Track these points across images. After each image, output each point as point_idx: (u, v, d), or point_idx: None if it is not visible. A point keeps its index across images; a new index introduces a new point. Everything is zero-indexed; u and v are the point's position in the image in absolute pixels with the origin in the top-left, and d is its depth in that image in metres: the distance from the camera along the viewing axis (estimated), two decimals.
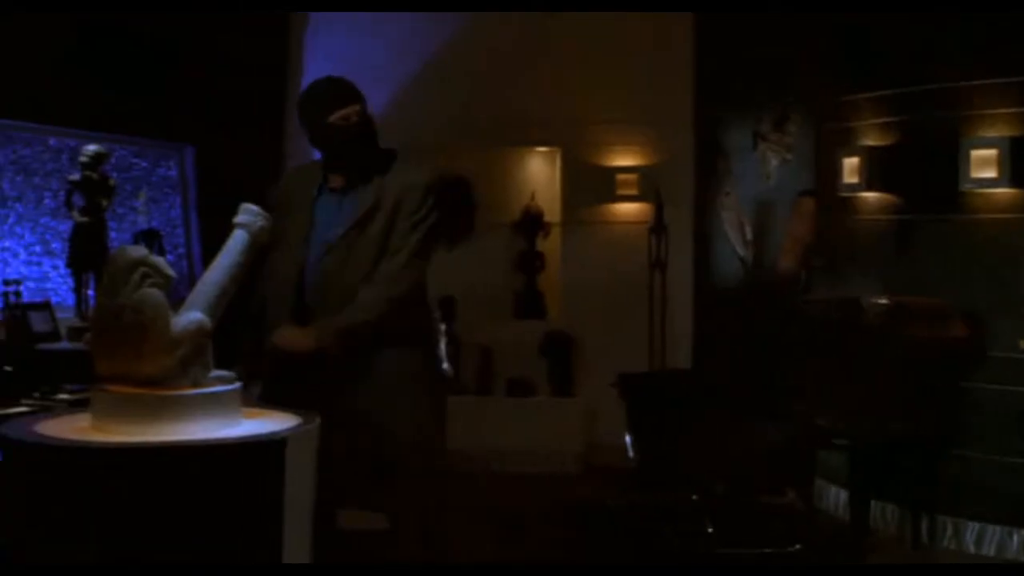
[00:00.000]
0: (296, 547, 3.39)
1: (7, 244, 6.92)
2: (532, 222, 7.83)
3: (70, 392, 4.88)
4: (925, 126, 5.68)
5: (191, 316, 3.42)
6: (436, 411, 4.10)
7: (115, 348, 3.33)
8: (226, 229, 3.65)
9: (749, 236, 7.07)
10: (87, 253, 6.66)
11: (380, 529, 4.16)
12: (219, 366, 3.50)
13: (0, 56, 6.43)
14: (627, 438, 5.67)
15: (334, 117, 3.94)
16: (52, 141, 7.20)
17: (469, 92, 7.69)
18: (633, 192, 7.69)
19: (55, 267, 7.16)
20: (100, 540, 3.11)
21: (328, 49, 8.36)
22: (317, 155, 4.26)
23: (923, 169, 5.68)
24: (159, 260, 3.44)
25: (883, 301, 5.73)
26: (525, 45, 7.74)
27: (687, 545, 5.33)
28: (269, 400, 3.92)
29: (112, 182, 6.94)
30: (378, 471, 3.94)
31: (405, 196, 3.91)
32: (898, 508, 5.73)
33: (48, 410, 4.39)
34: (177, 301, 3.47)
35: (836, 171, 6.01)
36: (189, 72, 7.68)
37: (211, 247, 5.28)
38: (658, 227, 7.32)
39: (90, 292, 6.66)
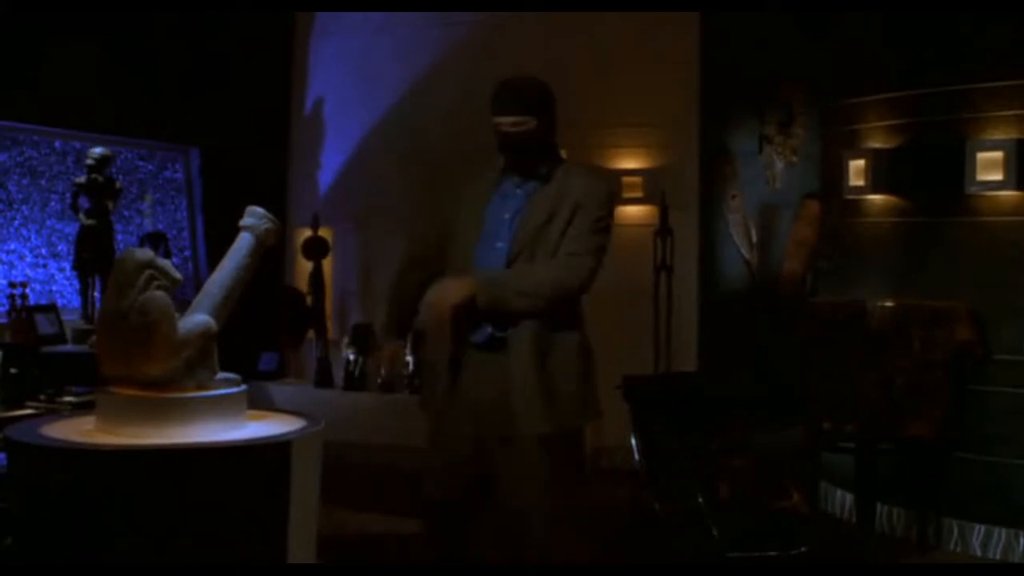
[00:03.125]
0: (301, 547, 3.39)
1: (13, 246, 6.94)
2: None
3: (75, 394, 4.90)
4: (931, 129, 5.67)
5: (197, 318, 3.43)
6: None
7: (121, 350, 3.33)
8: (232, 231, 3.66)
9: (755, 239, 7.06)
10: (93, 255, 6.69)
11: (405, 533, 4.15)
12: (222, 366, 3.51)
13: (7, 60, 6.45)
14: (632, 441, 5.66)
15: (495, 121, 4.03)
16: (58, 144, 7.23)
17: (475, 95, 7.66)
18: (638, 195, 7.67)
19: (61, 269, 7.18)
20: (106, 541, 3.12)
21: (335, 51, 8.37)
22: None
23: (929, 172, 5.67)
24: (166, 263, 3.44)
25: (888, 304, 5.73)
26: (530, 48, 7.74)
27: (692, 548, 5.32)
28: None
29: (118, 185, 6.96)
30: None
31: (586, 199, 3.95)
32: (904, 511, 5.72)
33: (54, 412, 4.41)
34: (183, 303, 3.47)
35: (842, 174, 6.01)
36: (195, 74, 7.70)
37: (217, 249, 5.29)
38: (663, 230, 7.31)
39: (96, 294, 6.68)
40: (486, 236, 3.96)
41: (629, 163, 7.72)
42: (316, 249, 8.06)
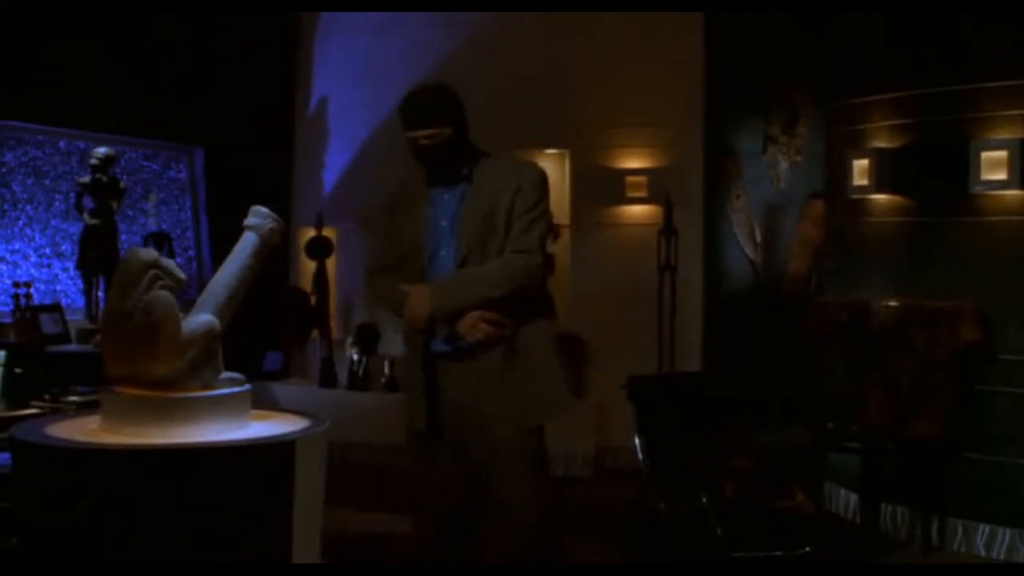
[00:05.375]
0: (305, 547, 3.39)
1: (17, 246, 6.95)
2: None
3: (80, 394, 4.90)
4: (935, 128, 5.67)
5: (201, 318, 3.43)
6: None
7: (125, 350, 3.33)
8: (236, 231, 3.66)
9: (759, 239, 7.06)
10: (97, 255, 6.69)
11: (401, 533, 4.15)
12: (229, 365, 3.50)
13: (11, 60, 6.45)
14: (636, 440, 5.67)
15: (409, 136, 3.96)
16: (63, 144, 7.23)
17: (479, 95, 7.67)
18: (643, 194, 7.67)
19: (65, 269, 7.18)
20: (110, 541, 3.12)
21: (339, 51, 8.37)
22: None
23: (933, 171, 5.67)
24: (170, 263, 3.45)
25: (893, 303, 5.72)
26: (535, 48, 7.75)
27: (696, 548, 5.32)
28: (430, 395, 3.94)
29: (122, 184, 6.97)
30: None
31: (523, 183, 3.93)
32: (908, 511, 5.72)
33: (58, 412, 4.41)
34: (187, 303, 3.48)
35: (846, 173, 6.00)
36: (199, 74, 7.70)
37: (221, 249, 5.30)
38: (668, 229, 7.30)
39: (100, 294, 6.68)
40: (429, 246, 3.96)
41: (633, 163, 7.72)
42: (320, 249, 8.06)
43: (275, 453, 3.29)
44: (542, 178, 4.00)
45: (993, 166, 5.34)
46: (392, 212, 4.11)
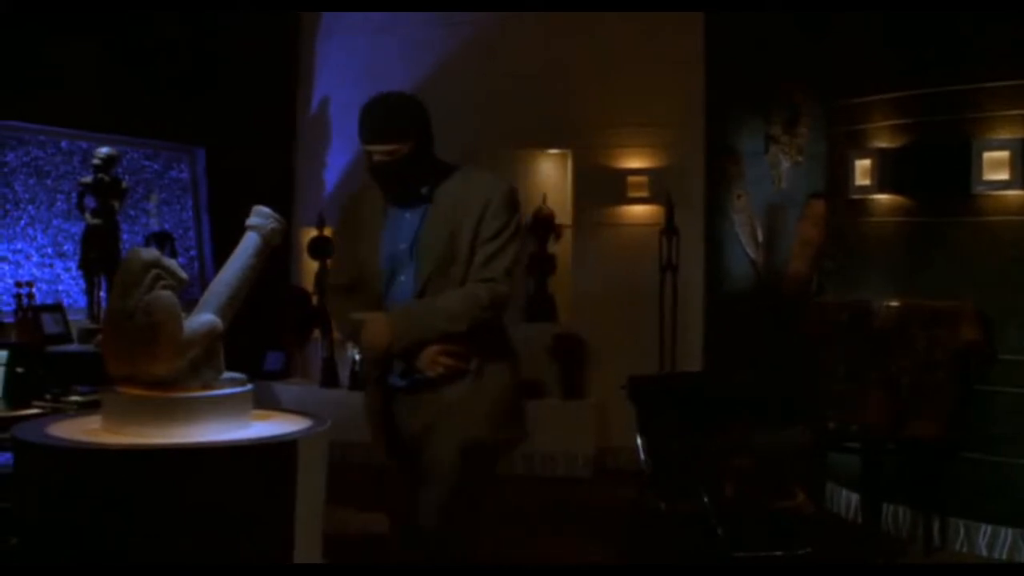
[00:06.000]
0: (307, 547, 3.39)
1: (20, 246, 6.95)
2: (543, 225, 7.84)
3: (81, 394, 4.90)
4: (937, 128, 5.67)
5: (203, 318, 3.43)
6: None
7: (127, 350, 3.33)
8: (238, 231, 3.66)
9: (760, 238, 7.06)
10: (99, 255, 6.70)
11: (380, 532, 4.14)
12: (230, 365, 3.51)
13: (13, 60, 6.46)
14: (637, 441, 5.67)
15: (367, 148, 3.72)
16: (64, 143, 7.23)
17: (480, 95, 7.71)
18: (644, 194, 7.68)
19: (67, 269, 7.18)
20: (111, 541, 3.12)
21: (340, 51, 8.37)
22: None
23: (935, 171, 5.67)
24: (172, 262, 3.45)
25: (894, 303, 5.72)
26: (536, 48, 7.75)
27: (697, 548, 5.32)
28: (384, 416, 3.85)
29: (124, 184, 6.97)
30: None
31: (492, 199, 3.68)
32: (909, 511, 5.72)
33: (59, 412, 4.41)
34: (189, 303, 3.48)
35: (848, 173, 6.00)
36: (199, 74, 7.71)
37: (223, 249, 5.30)
38: (669, 229, 7.30)
39: (102, 294, 6.69)
40: (387, 270, 3.74)
41: (634, 163, 7.72)
42: (321, 249, 8.06)
43: (276, 453, 3.28)
44: (510, 197, 3.72)
45: (995, 166, 5.34)
46: (347, 227, 3.93)
